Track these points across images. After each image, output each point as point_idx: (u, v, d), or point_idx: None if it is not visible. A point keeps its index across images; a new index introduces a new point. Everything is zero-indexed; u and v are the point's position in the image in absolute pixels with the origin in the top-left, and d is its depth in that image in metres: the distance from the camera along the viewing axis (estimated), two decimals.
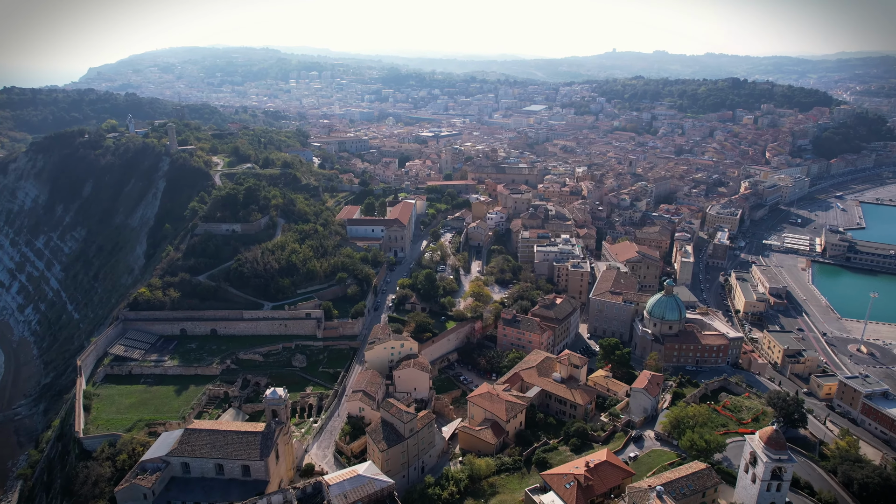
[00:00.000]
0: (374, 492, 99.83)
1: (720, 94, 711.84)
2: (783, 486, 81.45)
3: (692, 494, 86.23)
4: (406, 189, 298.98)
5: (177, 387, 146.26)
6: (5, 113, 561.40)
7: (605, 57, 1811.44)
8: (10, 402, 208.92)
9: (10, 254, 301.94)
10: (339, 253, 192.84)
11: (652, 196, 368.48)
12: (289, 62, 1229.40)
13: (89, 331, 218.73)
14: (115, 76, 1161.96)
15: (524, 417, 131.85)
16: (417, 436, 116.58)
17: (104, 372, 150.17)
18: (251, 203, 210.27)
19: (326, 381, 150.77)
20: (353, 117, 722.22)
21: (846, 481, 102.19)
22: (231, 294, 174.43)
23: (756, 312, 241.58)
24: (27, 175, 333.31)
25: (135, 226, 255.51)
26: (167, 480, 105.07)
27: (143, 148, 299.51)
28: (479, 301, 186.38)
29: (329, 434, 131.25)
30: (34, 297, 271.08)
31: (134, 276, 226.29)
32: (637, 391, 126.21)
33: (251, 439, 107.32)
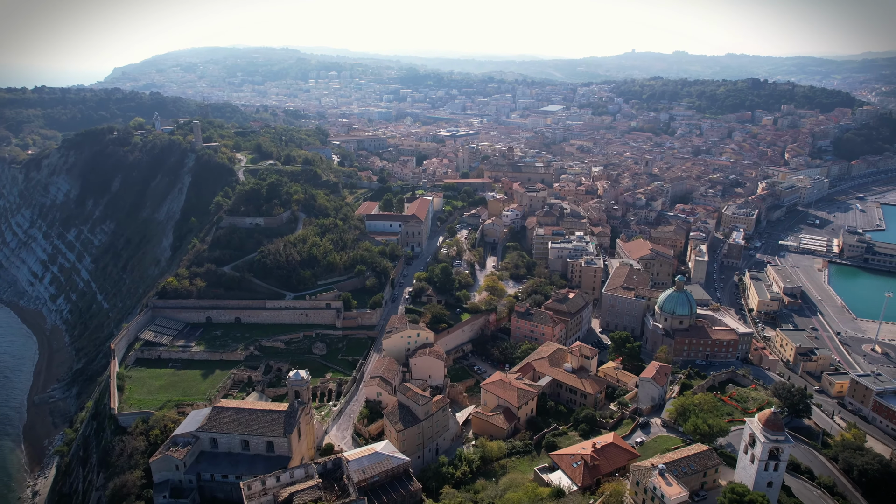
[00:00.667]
0: (390, 468, 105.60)
1: (739, 95, 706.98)
2: (780, 466, 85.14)
3: (693, 473, 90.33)
4: (423, 186, 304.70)
5: (203, 371, 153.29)
6: (36, 111, 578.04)
7: (624, 57, 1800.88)
8: (45, 386, 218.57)
9: (43, 246, 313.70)
10: (358, 246, 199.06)
11: (668, 196, 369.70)
12: (308, 62, 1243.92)
13: (118, 319, 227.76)
14: (139, 76, 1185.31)
15: (535, 405, 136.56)
16: (432, 418, 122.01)
17: (135, 356, 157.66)
18: (274, 198, 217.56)
19: (345, 368, 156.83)
20: (372, 117, 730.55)
21: (846, 468, 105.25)
22: (254, 284, 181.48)
23: (769, 311, 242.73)
24: (59, 170, 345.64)
25: (161, 219, 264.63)
26: (197, 454, 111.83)
27: (170, 144, 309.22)
28: (494, 295, 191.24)
29: (348, 417, 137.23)
30: (66, 288, 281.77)
31: (160, 267, 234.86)
32: (645, 380, 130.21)
33: (275, 417, 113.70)
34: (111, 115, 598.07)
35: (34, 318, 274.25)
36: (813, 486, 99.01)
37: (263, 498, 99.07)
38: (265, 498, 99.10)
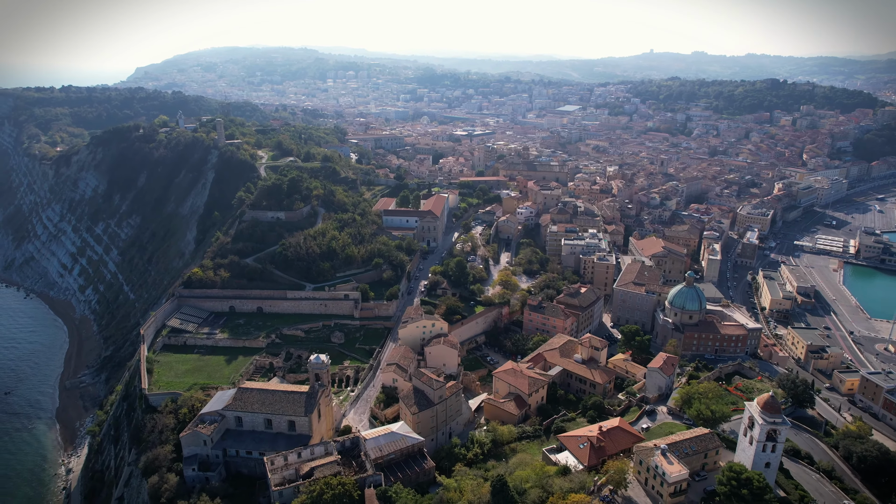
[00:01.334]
0: (405, 447, 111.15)
1: (758, 96, 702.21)
2: (777, 448, 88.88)
3: (694, 454, 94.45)
4: (439, 184, 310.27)
5: (227, 357, 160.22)
6: (64, 110, 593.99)
7: (642, 58, 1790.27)
8: (75, 371, 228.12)
9: (73, 239, 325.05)
10: (376, 241, 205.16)
11: (683, 196, 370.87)
12: (326, 62, 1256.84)
13: (144, 309, 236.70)
14: (160, 75, 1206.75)
15: (546, 393, 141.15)
16: (446, 402, 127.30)
17: (162, 342, 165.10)
18: (294, 193, 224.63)
19: (362, 357, 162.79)
20: (389, 116, 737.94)
21: (846, 455, 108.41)
22: (276, 276, 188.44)
23: (782, 310, 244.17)
24: (88, 166, 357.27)
25: (185, 214, 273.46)
26: (223, 431, 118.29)
27: (193, 142, 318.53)
28: (507, 289, 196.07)
29: (365, 402, 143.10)
30: (94, 279, 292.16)
31: (185, 259, 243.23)
32: (653, 370, 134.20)
33: (297, 398, 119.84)
34: (135, 113, 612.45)
35: (64, 308, 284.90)
36: (812, 471, 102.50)
37: (286, 472, 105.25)
38: (287, 472, 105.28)
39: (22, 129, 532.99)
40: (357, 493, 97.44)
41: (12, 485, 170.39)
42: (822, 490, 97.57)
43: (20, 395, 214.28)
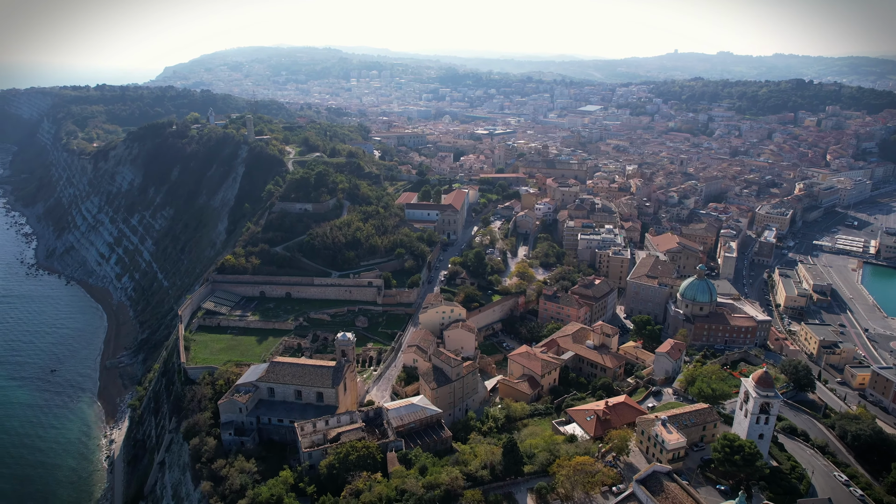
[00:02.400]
0: (424, 417, 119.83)
1: (782, 96, 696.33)
2: (770, 420, 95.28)
3: (693, 426, 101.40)
4: (460, 180, 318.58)
5: (258, 337, 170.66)
6: (99, 108, 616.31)
7: (666, 58, 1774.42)
8: (114, 353, 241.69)
9: (110, 230, 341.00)
10: (398, 232, 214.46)
11: (702, 195, 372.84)
12: (350, 62, 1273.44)
13: (177, 296, 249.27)
14: (188, 74, 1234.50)
15: (558, 375, 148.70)
16: (463, 380, 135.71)
17: (198, 323, 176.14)
18: (321, 186, 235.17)
19: (385, 340, 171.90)
20: (411, 115, 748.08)
21: (842, 434, 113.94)
22: (303, 263, 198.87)
23: (796, 307, 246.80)
24: (124, 161, 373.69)
25: (216, 206, 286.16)
26: (256, 401, 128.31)
27: (224, 137, 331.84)
28: (524, 280, 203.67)
29: (387, 380, 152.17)
30: (130, 268, 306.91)
31: (216, 249, 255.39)
32: (660, 355, 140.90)
33: (324, 371, 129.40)
34: (166, 111, 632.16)
35: (102, 295, 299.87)
36: (806, 446, 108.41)
37: (314, 436, 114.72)
38: (316, 436, 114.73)
39: (60, 126, 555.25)
40: (380, 456, 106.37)
41: (58, 455, 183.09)
42: (814, 463, 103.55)
43: (64, 374, 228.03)
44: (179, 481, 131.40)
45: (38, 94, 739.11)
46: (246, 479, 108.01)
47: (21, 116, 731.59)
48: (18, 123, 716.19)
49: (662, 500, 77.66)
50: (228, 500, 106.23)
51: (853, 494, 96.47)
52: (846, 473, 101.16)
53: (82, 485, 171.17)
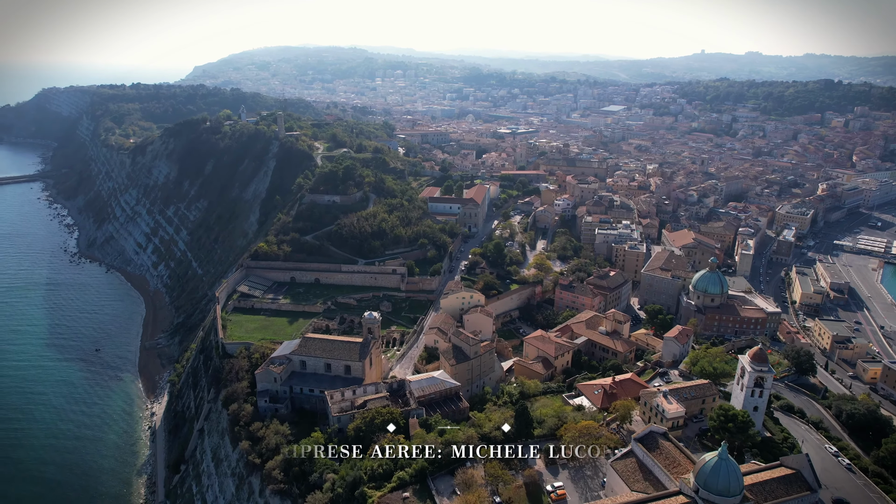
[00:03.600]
0: (444, 389, 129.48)
1: (809, 97, 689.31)
2: (764, 393, 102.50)
3: (693, 399, 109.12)
4: (482, 177, 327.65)
5: (289, 319, 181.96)
6: (134, 105, 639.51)
7: (693, 58, 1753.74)
8: (152, 335, 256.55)
9: (147, 221, 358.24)
10: (421, 224, 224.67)
11: (722, 194, 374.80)
12: (375, 61, 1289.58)
13: (211, 283, 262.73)
14: (217, 73, 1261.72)
15: (570, 358, 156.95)
16: (480, 358, 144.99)
17: (233, 305, 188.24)
18: (348, 179, 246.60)
19: (407, 323, 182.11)
20: (435, 114, 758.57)
21: (837, 413, 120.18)
22: (331, 251, 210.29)
23: (812, 304, 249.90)
24: (160, 155, 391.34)
25: (248, 198, 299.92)
26: (289, 373, 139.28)
27: (255, 133, 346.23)
28: (541, 270, 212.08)
29: (409, 359, 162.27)
30: (165, 256, 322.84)
31: (248, 238, 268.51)
32: (669, 339, 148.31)
33: (352, 346, 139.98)
34: (197, 108, 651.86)
35: (140, 282, 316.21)
36: (801, 422, 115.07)
37: (343, 403, 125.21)
38: (344, 403, 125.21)
39: (99, 123, 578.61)
40: (402, 421, 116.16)
41: (104, 426, 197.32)
42: (807, 437, 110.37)
43: (106, 354, 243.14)
44: (218, 445, 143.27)
45: (77, 93, 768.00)
46: (280, 439, 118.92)
47: (60, 114, 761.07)
48: (58, 121, 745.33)
49: (657, 455, 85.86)
50: (265, 457, 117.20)
51: (841, 464, 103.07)
52: (837, 446, 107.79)
53: (127, 452, 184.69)
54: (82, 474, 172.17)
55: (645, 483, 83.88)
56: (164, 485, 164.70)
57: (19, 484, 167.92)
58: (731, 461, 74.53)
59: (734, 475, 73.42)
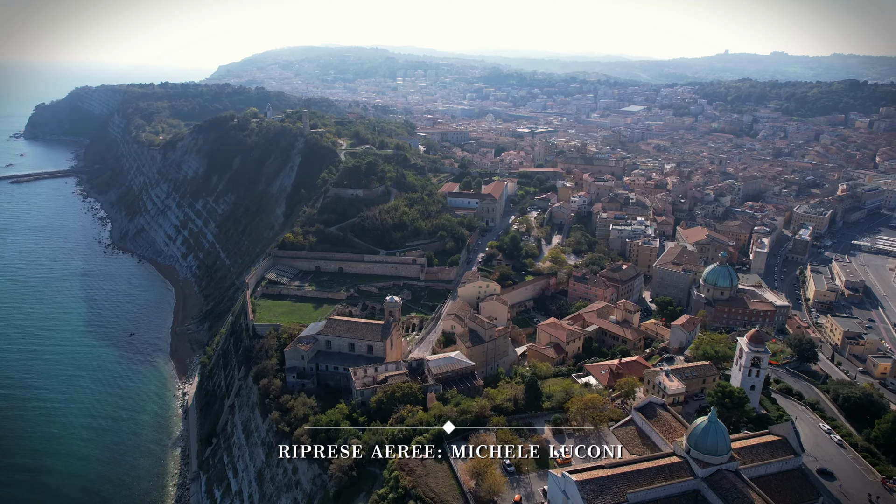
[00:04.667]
0: (460, 367, 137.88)
1: (833, 97, 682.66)
2: (760, 373, 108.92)
3: (694, 378, 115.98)
4: (500, 174, 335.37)
5: (314, 304, 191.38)
6: (163, 104, 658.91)
7: (716, 59, 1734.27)
8: (183, 321, 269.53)
9: (177, 213, 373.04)
10: (440, 217, 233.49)
11: (739, 194, 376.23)
12: (396, 61, 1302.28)
13: (238, 272, 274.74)
14: (241, 73, 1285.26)
15: (581, 344, 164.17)
16: (495, 342, 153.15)
17: (261, 291, 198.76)
18: (371, 174, 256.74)
19: (426, 311, 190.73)
20: (455, 113, 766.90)
21: (835, 396, 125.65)
22: (354, 242, 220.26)
23: (825, 301, 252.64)
24: (190, 151, 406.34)
25: (274, 192, 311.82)
26: (316, 352, 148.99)
27: (281, 130, 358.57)
28: (556, 263, 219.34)
29: (427, 343, 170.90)
30: (194, 248, 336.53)
31: (274, 231, 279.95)
32: (676, 327, 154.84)
33: (375, 328, 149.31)
34: (223, 106, 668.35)
35: (170, 273, 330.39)
36: (798, 404, 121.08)
37: (366, 379, 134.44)
38: (367, 379, 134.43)
39: (129, 121, 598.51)
40: (421, 396, 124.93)
41: (139, 404, 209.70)
42: (803, 416, 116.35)
43: (140, 338, 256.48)
44: (248, 418, 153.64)
45: (108, 91, 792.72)
46: (308, 410, 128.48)
47: (92, 112, 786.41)
48: (90, 118, 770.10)
49: (655, 423, 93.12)
50: (293, 426, 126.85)
51: (832, 440, 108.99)
52: (830, 426, 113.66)
53: (160, 429, 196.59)
54: (119, 449, 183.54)
55: (643, 447, 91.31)
56: (196, 457, 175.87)
57: (62, 458, 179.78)
58: (720, 424, 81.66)
59: (722, 436, 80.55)
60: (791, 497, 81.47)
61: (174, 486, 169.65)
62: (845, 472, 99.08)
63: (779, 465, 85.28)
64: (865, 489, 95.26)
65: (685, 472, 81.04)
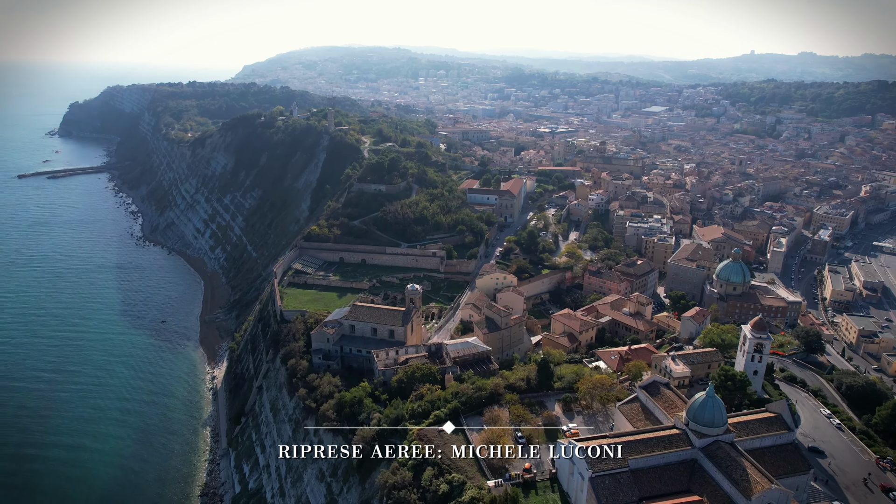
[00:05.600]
0: (476, 352, 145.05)
1: (860, 98, 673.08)
2: (763, 358, 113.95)
3: (699, 363, 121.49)
4: (519, 172, 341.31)
5: (338, 293, 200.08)
6: (191, 102, 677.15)
7: (742, 59, 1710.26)
8: (211, 310, 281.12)
9: (205, 208, 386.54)
10: (460, 212, 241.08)
11: (759, 194, 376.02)
12: (418, 61, 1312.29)
13: (264, 264, 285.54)
14: (265, 72, 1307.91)
15: (594, 334, 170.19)
16: (510, 329, 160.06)
17: (288, 280, 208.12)
18: (393, 170, 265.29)
19: (445, 301, 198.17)
20: (476, 113, 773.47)
21: (838, 385, 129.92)
22: (377, 235, 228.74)
23: (842, 301, 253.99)
24: (218, 148, 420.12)
25: (300, 188, 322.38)
26: (340, 335, 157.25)
27: (307, 128, 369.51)
28: (572, 258, 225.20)
29: (446, 330, 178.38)
30: (222, 241, 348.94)
31: (300, 224, 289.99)
32: (686, 318, 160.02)
33: (396, 313, 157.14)
34: (249, 105, 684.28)
35: (198, 264, 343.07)
36: (801, 390, 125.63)
37: (387, 360, 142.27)
38: (388, 360, 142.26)
39: (159, 119, 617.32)
40: (439, 376, 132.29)
41: (171, 386, 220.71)
42: (805, 403, 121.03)
43: (171, 326, 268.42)
44: (276, 397, 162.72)
45: (138, 90, 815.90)
46: (332, 388, 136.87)
47: (123, 110, 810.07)
48: (121, 117, 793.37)
49: (658, 400, 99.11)
50: (319, 402, 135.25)
51: (831, 424, 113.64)
52: (831, 411, 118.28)
53: (192, 409, 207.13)
54: (151, 430, 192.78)
55: (646, 422, 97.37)
56: (225, 435, 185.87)
57: (99, 437, 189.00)
58: (717, 399, 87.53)
59: (719, 410, 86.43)
60: (783, 468, 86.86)
61: (205, 462, 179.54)
62: (841, 453, 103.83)
63: (773, 439, 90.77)
64: (859, 468, 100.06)
65: (683, 443, 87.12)
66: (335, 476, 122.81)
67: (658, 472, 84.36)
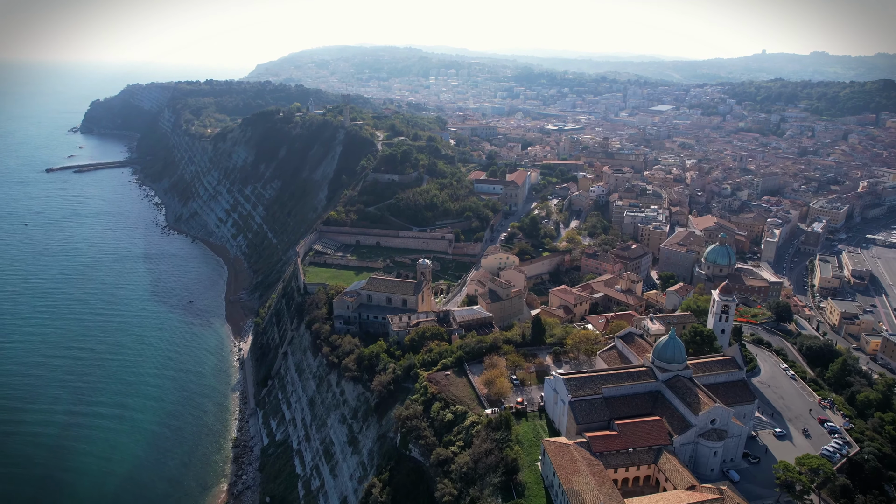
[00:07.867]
0: (480, 318, 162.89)
1: (865, 97, 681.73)
2: (729, 318, 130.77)
3: (675, 324, 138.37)
4: (524, 165, 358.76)
5: (355, 272, 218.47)
6: (209, 99, 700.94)
7: (752, 59, 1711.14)
8: (235, 291, 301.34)
9: (227, 198, 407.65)
10: (467, 200, 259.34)
11: (757, 189, 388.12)
12: (429, 60, 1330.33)
13: (284, 250, 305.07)
14: (279, 71, 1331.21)
15: (588, 307, 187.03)
16: (511, 301, 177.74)
17: (309, 259, 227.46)
18: (405, 162, 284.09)
19: (453, 279, 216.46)
20: (485, 111, 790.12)
21: (800, 347, 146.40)
22: (390, 220, 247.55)
23: (830, 287, 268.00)
24: (239, 142, 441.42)
25: (318, 178, 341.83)
26: (359, 304, 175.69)
27: (324, 123, 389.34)
28: (571, 243, 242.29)
29: (453, 304, 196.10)
30: (244, 229, 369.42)
31: (318, 212, 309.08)
32: (671, 292, 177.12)
33: (409, 285, 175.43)
34: (265, 102, 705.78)
35: (221, 251, 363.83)
36: (767, 351, 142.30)
37: (401, 323, 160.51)
38: (402, 323, 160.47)
39: (179, 115, 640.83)
40: (447, 337, 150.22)
41: (203, 356, 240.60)
42: (767, 360, 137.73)
43: (198, 305, 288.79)
44: (301, 359, 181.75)
45: (158, 89, 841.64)
46: (353, 346, 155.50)
47: (143, 108, 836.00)
48: (140, 114, 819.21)
49: (633, 347, 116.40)
50: (341, 358, 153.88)
51: (786, 375, 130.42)
52: (790, 366, 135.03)
53: (222, 376, 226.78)
54: (186, 395, 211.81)
55: (622, 364, 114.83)
56: (253, 397, 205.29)
57: (140, 399, 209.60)
58: (678, 340, 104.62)
59: (679, 349, 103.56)
60: (732, 399, 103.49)
61: (235, 420, 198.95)
62: (790, 395, 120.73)
63: (726, 377, 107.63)
64: (804, 406, 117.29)
65: (649, 377, 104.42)
66: (356, 418, 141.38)
67: (627, 400, 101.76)
